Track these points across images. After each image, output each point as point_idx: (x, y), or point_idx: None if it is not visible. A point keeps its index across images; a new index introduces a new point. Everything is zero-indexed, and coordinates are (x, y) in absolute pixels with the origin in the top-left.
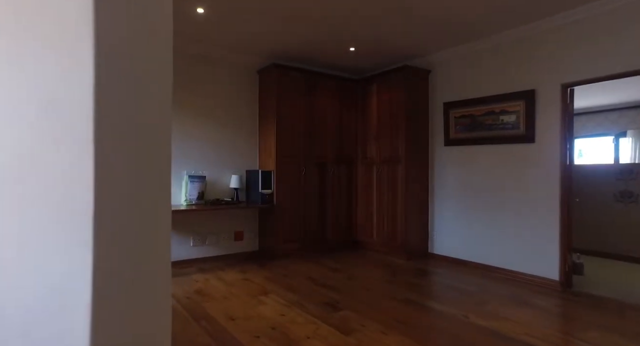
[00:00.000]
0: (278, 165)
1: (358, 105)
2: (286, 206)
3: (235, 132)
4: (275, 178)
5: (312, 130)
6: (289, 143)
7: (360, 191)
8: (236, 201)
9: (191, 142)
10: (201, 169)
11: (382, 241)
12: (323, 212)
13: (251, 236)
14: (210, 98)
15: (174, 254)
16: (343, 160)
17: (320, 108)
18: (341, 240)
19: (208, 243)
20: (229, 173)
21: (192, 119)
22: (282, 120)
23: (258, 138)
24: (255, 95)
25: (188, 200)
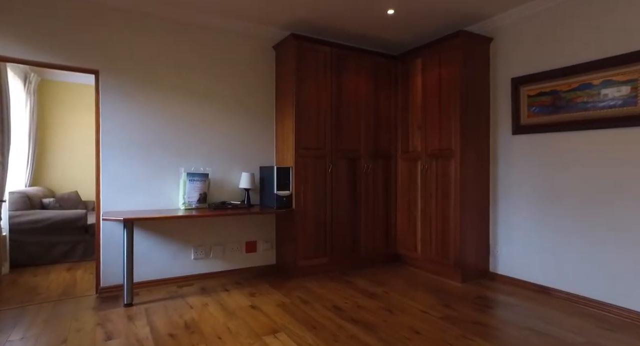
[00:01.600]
0: (298, 161)
1: (398, 86)
2: (308, 211)
3: (246, 120)
4: (294, 177)
5: (341, 117)
6: (312, 133)
7: (401, 192)
8: (247, 204)
9: (190, 132)
10: (203, 166)
11: (429, 256)
12: (354, 218)
13: (266, 247)
14: (215, 79)
15: (171, 269)
16: (379, 154)
17: (350, 90)
18: (377, 254)
19: (213, 256)
20: (238, 171)
21: (190, 105)
22: (302, 105)
23: (275, 128)
24: (270, 75)
25: (187, 203)
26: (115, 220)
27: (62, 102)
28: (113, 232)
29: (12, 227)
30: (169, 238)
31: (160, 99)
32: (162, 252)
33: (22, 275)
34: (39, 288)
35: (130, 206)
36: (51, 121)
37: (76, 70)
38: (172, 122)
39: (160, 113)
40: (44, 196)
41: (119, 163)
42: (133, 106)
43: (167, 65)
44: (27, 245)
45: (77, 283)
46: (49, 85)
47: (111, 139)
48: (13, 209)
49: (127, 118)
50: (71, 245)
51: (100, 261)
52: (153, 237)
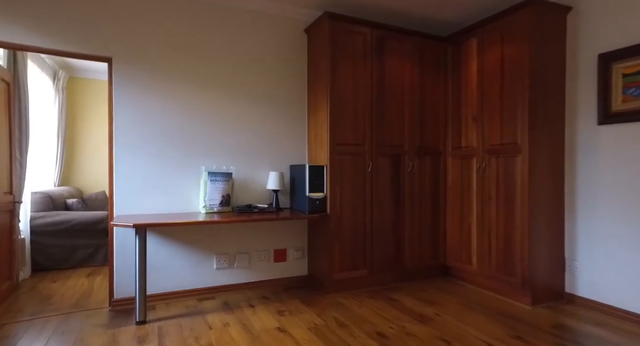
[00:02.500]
0: (333, 158)
1: (447, 72)
2: (345, 216)
3: (274, 112)
4: (329, 177)
5: (382, 108)
6: (349, 127)
7: (452, 195)
8: (275, 208)
9: (212, 126)
10: (226, 164)
11: (488, 271)
12: (397, 224)
13: (297, 256)
14: (239, 67)
15: (191, 280)
16: (426, 151)
17: (393, 78)
18: (424, 266)
19: (237, 266)
20: (265, 170)
21: (212, 96)
22: (338, 95)
23: (307, 121)
24: (302, 62)
25: (208, 207)
26: (125, 225)
27: (90, 99)
28: (127, 238)
29: (34, 228)
30: (189, 245)
31: (179, 90)
32: (182, 260)
33: (41, 280)
34: (53, 297)
35: (146, 209)
36: (80, 119)
37: (88, 58)
38: (192, 115)
39: (179, 106)
40: (69, 196)
41: (134, 161)
42: (149, 97)
43: (187, 52)
44: (48, 248)
45: (92, 292)
46: (77, 83)
47: (125, 135)
48: (35, 210)
49: (142, 111)
50: (93, 249)
51: (114, 270)
52: (172, 243)
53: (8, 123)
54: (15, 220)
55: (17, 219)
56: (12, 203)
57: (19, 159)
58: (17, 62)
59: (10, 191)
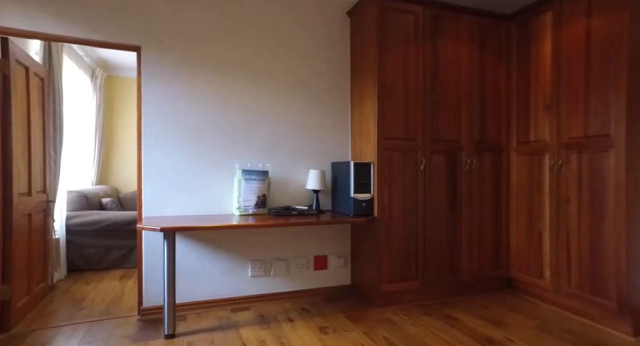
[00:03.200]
0: (381, 155)
1: (512, 55)
2: (394, 220)
3: (314, 104)
4: (376, 176)
5: (436, 98)
6: (399, 119)
7: (517, 197)
8: (316, 210)
9: (246, 120)
10: (262, 161)
11: (567, 288)
12: (453, 230)
13: (339, 263)
14: (275, 56)
15: (224, 288)
16: (486, 146)
17: (448, 62)
18: (483, 278)
19: (274, 274)
20: (304, 168)
21: (246, 87)
22: (387, 83)
23: (350, 114)
24: (344, 49)
25: (242, 208)
26: (152, 229)
27: (127, 98)
28: (157, 242)
29: (69, 228)
30: (221, 250)
31: (211, 81)
32: (214, 267)
33: (76, 281)
34: (84, 302)
35: (176, 210)
36: (117, 118)
37: (117, 47)
38: (225, 108)
39: (210, 98)
40: (104, 195)
41: (163, 158)
42: (179, 89)
43: (218, 40)
44: (84, 249)
45: (123, 297)
46: (114, 81)
47: (154, 129)
48: (70, 209)
49: (172, 104)
50: (127, 250)
51: (143, 276)
52: (203, 248)
53: (42, 120)
54: (49, 219)
55: (51, 219)
56: (45, 202)
57: (53, 157)
58: (52, 58)
59: (43, 190)
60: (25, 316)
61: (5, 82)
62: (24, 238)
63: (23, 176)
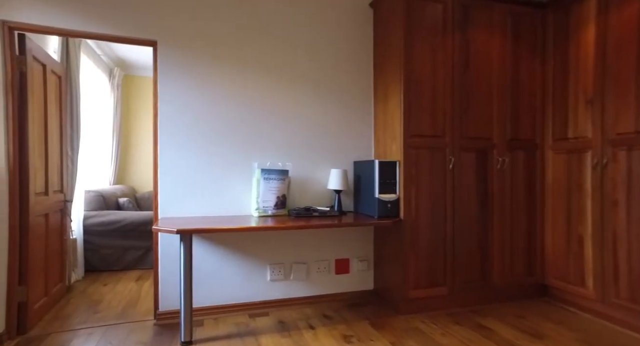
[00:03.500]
0: (408, 153)
1: (547, 46)
2: (422, 222)
3: (335, 100)
4: (402, 175)
5: (466, 92)
6: (426, 115)
7: (553, 198)
8: (338, 211)
9: (265, 118)
10: (282, 159)
11: (616, 298)
12: (484, 233)
13: (362, 267)
14: (295, 51)
15: (242, 292)
16: (519, 144)
17: (479, 54)
18: (516, 284)
19: (294, 278)
20: (325, 167)
21: (265, 84)
22: (413, 77)
23: (373, 110)
24: (366, 42)
25: (261, 209)
26: (168, 231)
27: (144, 97)
28: (173, 244)
29: (86, 228)
30: (239, 253)
31: (228, 76)
32: (232, 270)
33: (93, 282)
34: (101, 304)
35: (192, 211)
36: (134, 117)
37: (133, 42)
38: (243, 105)
39: (228, 94)
40: (121, 195)
41: (180, 157)
42: (196, 86)
43: (237, 34)
44: (101, 249)
45: (139, 299)
46: (132, 81)
47: (170, 127)
48: (87, 209)
49: (189, 101)
50: (144, 251)
51: (159, 279)
52: (220, 250)
53: (59, 119)
54: (67, 219)
55: (68, 219)
56: (62, 202)
57: (70, 156)
58: (69, 56)
59: (60, 189)
60: (42, 319)
61: (22, 79)
62: (41, 238)
63: (40, 175)
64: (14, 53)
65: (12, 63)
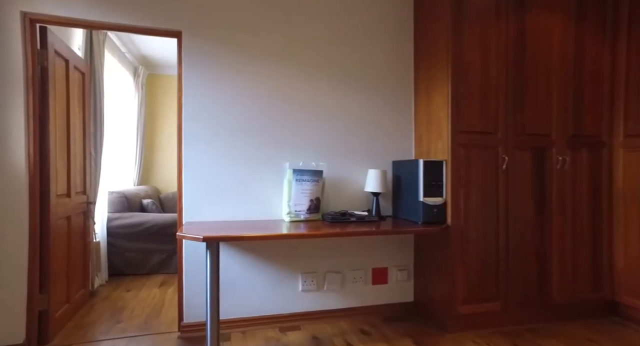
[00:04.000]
0: (456, 151)
1: (621, 27)
2: (472, 229)
3: (372, 95)
4: (450, 176)
5: (521, 83)
6: (476, 109)
7: (625, 202)
8: (376, 216)
9: (297, 114)
10: (315, 159)
11: None
12: (542, 242)
13: (401, 277)
14: (328, 41)
15: (271, 304)
16: (582, 141)
17: (537, 40)
18: (580, 301)
19: (327, 288)
20: (361, 167)
21: (296, 77)
22: (462, 68)
23: (413, 106)
24: (406, 32)
25: (293, 214)
26: (194, 238)
27: (169, 96)
28: (199, 250)
29: (110, 230)
30: (269, 261)
31: (258, 70)
32: (261, 279)
33: (117, 287)
34: (123, 312)
35: (219, 214)
36: (158, 116)
37: (156, 34)
38: (274, 100)
39: (258, 89)
40: (145, 196)
41: (206, 157)
42: (223, 80)
43: (267, 25)
44: (125, 252)
45: (163, 308)
46: (156, 80)
47: (196, 124)
48: (111, 211)
49: (215, 96)
50: (167, 255)
51: (183, 289)
52: (248, 258)
53: (82, 117)
54: (90, 222)
55: (91, 221)
56: (85, 204)
57: (94, 156)
58: (93, 53)
59: (83, 191)
60: (64, 327)
61: (44, 74)
62: (63, 242)
63: (61, 176)
64: (35, 47)
65: (33, 57)
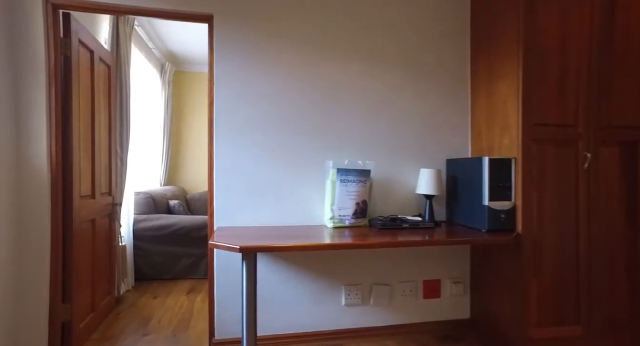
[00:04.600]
0: (527, 148)
1: None
2: (545, 238)
3: (421, 84)
4: (520, 177)
5: (607, 68)
6: (552, 99)
7: None
8: (431, 221)
9: (340, 106)
10: (358, 157)
11: None
12: (635, 255)
13: (457, 291)
14: (374, 26)
15: (310, 319)
16: None
17: (629, 14)
18: None
19: (374, 302)
20: (411, 166)
21: (339, 66)
22: (536, 50)
23: (469, 95)
24: (460, 8)
25: (337, 219)
26: (229, 248)
27: (195, 93)
28: (231, 259)
29: (136, 233)
30: (308, 271)
31: (297, 58)
32: (299, 291)
33: (143, 293)
34: (150, 322)
35: (254, 219)
36: (185, 114)
37: (186, 18)
38: (314, 91)
39: (297, 79)
40: (171, 197)
41: (238, 155)
42: (258, 69)
43: (308, 6)
44: (152, 256)
45: (191, 319)
46: (183, 77)
47: (228, 119)
48: (138, 212)
49: (249, 87)
50: (194, 259)
51: (214, 302)
52: (286, 268)
53: (108, 112)
54: (115, 224)
55: (117, 223)
56: (111, 205)
57: (120, 154)
58: (119, 47)
59: (109, 191)
60: (89, 338)
61: (67, 64)
62: (87, 247)
63: (85, 176)
64: (57, 35)
65: (56, 46)
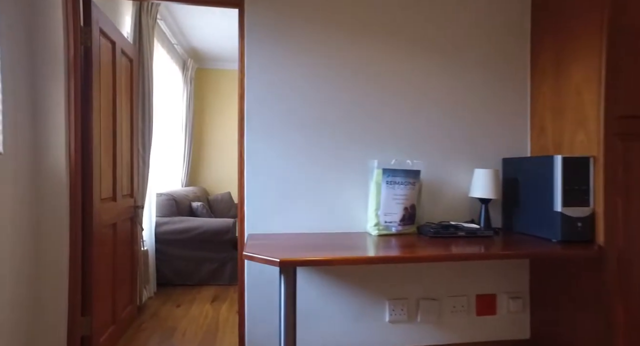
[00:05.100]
0: (611, 145)
1: None
2: (635, 252)
3: (473, 75)
4: (602, 179)
5: None
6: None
7: None
8: (489, 229)
9: (385, 100)
10: (405, 156)
11: None
12: None
13: (515, 308)
14: (422, 12)
15: (351, 337)
16: None
17: None
18: None
19: (421, 319)
20: (462, 166)
21: (381, 56)
22: (625, 28)
23: (529, 86)
24: None
25: (382, 226)
26: (267, 261)
27: (217, 91)
28: (264, 270)
29: (158, 237)
30: (348, 284)
31: (336, 47)
32: (339, 307)
33: (166, 301)
34: (174, 335)
35: (289, 224)
36: (207, 112)
37: (214, 3)
38: (357, 85)
39: (336, 70)
40: (194, 198)
41: (271, 154)
42: (294, 59)
43: None
44: (174, 260)
45: (218, 332)
46: (205, 74)
47: (260, 115)
48: (160, 215)
49: (284, 80)
50: (218, 264)
51: (245, 318)
52: (325, 281)
53: (130, 109)
54: (138, 228)
55: (139, 227)
56: (132, 208)
57: (142, 154)
58: (142, 39)
59: (131, 193)
60: None
61: (87, 55)
62: (108, 254)
63: (106, 177)
64: (77, 23)
65: (75, 35)
